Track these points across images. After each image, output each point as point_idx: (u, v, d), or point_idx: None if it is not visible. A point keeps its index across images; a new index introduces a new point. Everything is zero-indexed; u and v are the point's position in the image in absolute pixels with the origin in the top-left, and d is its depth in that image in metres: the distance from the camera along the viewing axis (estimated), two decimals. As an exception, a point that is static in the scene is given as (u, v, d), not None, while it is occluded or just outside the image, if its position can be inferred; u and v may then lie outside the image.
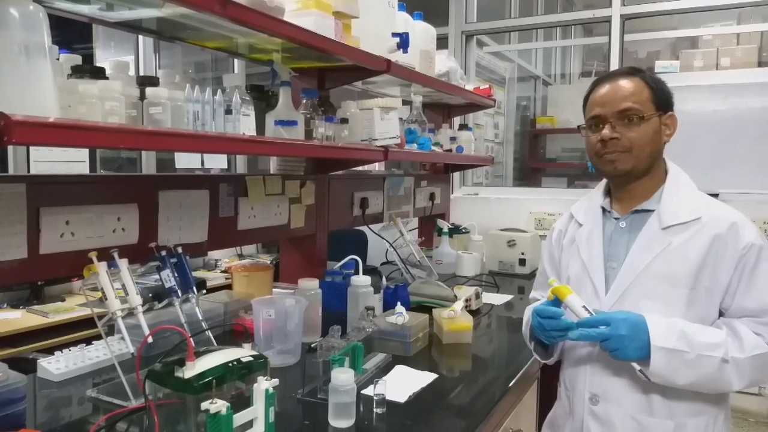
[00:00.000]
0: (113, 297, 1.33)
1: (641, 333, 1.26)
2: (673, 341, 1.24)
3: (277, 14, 1.49)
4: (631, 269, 1.37)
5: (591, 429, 1.41)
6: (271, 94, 1.80)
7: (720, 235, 1.30)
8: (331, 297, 2.05)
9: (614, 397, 1.37)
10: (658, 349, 1.24)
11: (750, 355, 1.25)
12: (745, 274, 1.30)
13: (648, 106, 1.36)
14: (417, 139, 2.47)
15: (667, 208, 1.37)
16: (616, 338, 1.26)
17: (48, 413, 1.35)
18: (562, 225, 1.61)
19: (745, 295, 1.30)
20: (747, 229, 1.31)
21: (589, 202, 1.55)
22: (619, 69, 1.45)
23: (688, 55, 4.48)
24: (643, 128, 1.35)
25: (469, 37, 4.38)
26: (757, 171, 3.60)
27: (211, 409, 1.02)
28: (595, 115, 1.40)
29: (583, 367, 1.43)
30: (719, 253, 1.30)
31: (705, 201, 1.38)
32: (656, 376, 1.27)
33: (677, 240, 1.33)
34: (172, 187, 1.70)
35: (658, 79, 1.41)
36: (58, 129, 0.99)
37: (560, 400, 1.56)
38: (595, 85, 1.45)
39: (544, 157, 6.34)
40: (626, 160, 1.37)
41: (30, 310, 2.95)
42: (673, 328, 1.26)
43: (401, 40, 2.07)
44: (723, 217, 1.32)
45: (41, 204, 1.38)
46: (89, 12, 1.47)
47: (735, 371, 1.25)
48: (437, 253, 3.05)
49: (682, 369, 1.25)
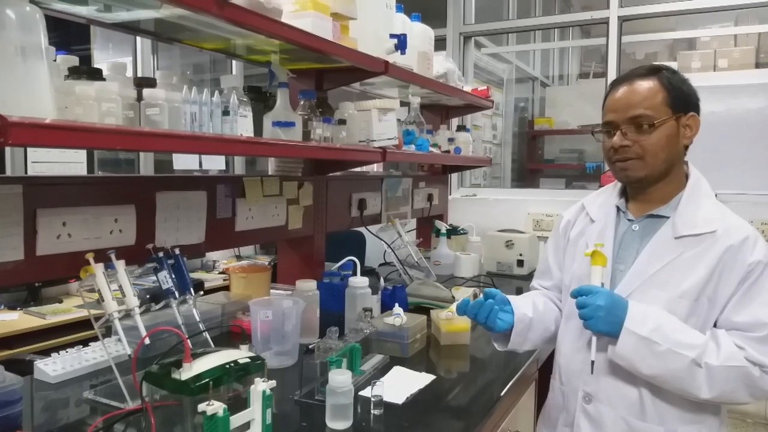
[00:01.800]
0: (110, 298, 1.33)
1: (619, 311, 1.27)
2: (647, 331, 1.25)
3: (275, 15, 1.49)
4: (638, 275, 1.35)
5: (582, 427, 1.41)
6: (269, 96, 1.80)
7: (731, 248, 1.28)
8: (328, 298, 2.05)
9: (607, 397, 1.37)
10: (630, 333, 1.25)
11: (724, 365, 1.23)
12: (743, 289, 1.28)
13: (661, 111, 1.32)
14: (415, 141, 2.47)
15: (683, 217, 1.34)
16: (593, 307, 1.27)
17: (44, 415, 1.35)
18: (572, 215, 1.59)
19: (735, 308, 1.28)
20: (759, 246, 1.29)
21: (604, 199, 1.52)
22: (638, 68, 1.39)
23: (685, 56, 4.48)
24: (656, 135, 1.31)
25: (467, 38, 4.39)
26: (754, 172, 3.60)
27: (207, 411, 1.01)
28: (608, 121, 1.37)
29: (578, 364, 1.43)
30: (727, 265, 1.28)
31: (721, 213, 1.34)
32: (621, 358, 1.29)
33: (689, 252, 1.31)
34: (169, 189, 1.70)
35: (678, 78, 1.36)
36: (54, 130, 0.99)
37: (553, 392, 1.56)
38: (612, 87, 1.41)
39: (542, 159, 6.34)
40: (639, 168, 1.34)
41: (27, 312, 2.94)
42: (652, 318, 1.26)
43: (399, 42, 2.07)
44: (737, 231, 1.30)
45: (38, 205, 1.37)
46: (87, 13, 1.47)
47: (706, 377, 1.23)
48: (435, 254, 3.05)
49: (649, 359, 1.25)
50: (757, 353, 1.23)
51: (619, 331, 1.26)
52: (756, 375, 1.23)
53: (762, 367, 1.23)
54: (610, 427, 1.36)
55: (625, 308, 1.28)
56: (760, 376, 1.23)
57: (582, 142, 5.77)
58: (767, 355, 1.23)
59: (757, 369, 1.23)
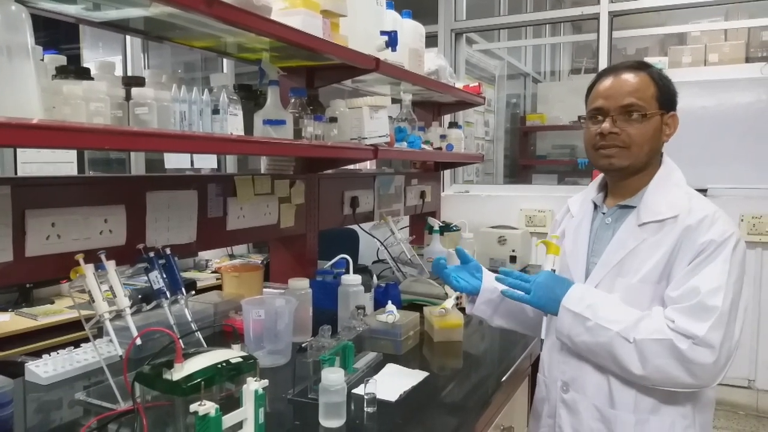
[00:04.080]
0: (100, 299, 1.32)
1: (558, 290, 1.34)
2: (582, 307, 1.30)
3: (264, 13, 1.48)
4: (605, 265, 1.38)
5: (562, 416, 1.44)
6: (260, 94, 1.79)
7: (688, 228, 1.29)
8: (321, 296, 2.05)
9: (581, 386, 1.40)
10: (566, 310, 1.32)
11: (650, 338, 1.22)
12: (690, 266, 1.26)
13: (652, 104, 1.34)
14: (407, 138, 2.47)
15: (647, 205, 1.36)
16: (535, 284, 1.35)
17: (36, 417, 1.34)
18: (560, 216, 1.63)
19: (675, 283, 1.27)
20: (716, 225, 1.27)
21: (584, 195, 1.55)
22: (626, 62, 1.41)
23: (676, 51, 4.50)
24: (645, 126, 1.33)
25: (459, 34, 4.39)
26: (744, 166, 3.62)
27: (199, 411, 1.01)
28: (597, 107, 1.38)
29: (557, 354, 1.45)
30: (683, 245, 1.28)
31: (688, 198, 1.35)
32: (561, 334, 1.36)
33: (652, 238, 1.33)
34: (159, 188, 1.69)
35: (665, 76, 1.39)
36: (41, 130, 0.98)
37: (539, 385, 1.58)
38: (600, 76, 1.42)
39: (534, 155, 6.36)
40: (623, 157, 1.36)
41: (19, 313, 2.92)
42: (590, 297, 1.31)
43: (390, 39, 2.07)
44: (697, 212, 1.30)
45: (26, 206, 1.36)
46: (75, 12, 1.45)
47: (636, 352, 1.23)
48: (428, 251, 3.03)
49: (583, 335, 1.30)
50: (684, 323, 1.20)
51: (557, 308, 1.33)
52: (684, 347, 1.19)
53: (693, 339, 1.19)
54: (585, 415, 1.39)
55: (565, 288, 1.34)
56: (689, 348, 1.19)
57: (574, 138, 5.79)
58: (695, 324, 1.19)
59: (687, 342, 1.19)
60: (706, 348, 1.19)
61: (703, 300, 1.21)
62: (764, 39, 4.44)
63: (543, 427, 1.50)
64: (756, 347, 3.50)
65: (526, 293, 1.35)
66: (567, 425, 1.42)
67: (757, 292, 3.43)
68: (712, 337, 1.19)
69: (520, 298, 1.35)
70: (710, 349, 1.19)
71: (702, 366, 1.19)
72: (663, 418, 1.31)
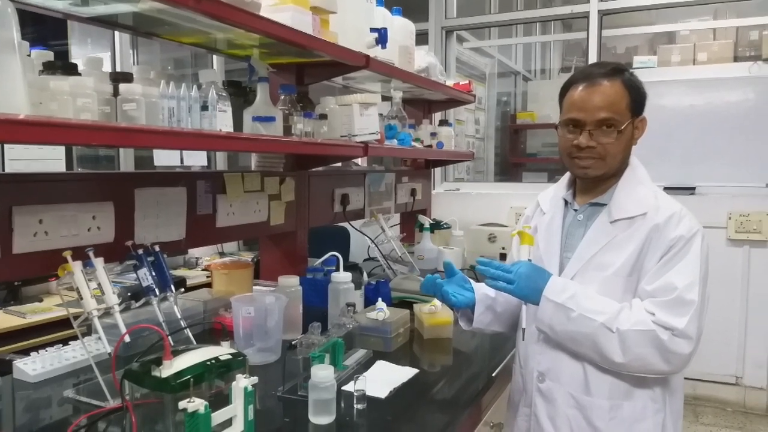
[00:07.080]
0: (89, 296, 1.32)
1: (539, 280, 1.36)
2: (563, 298, 1.33)
3: (253, 9, 1.47)
4: (579, 260, 1.42)
5: (537, 405, 1.46)
6: (249, 90, 1.78)
7: (657, 226, 1.35)
8: (312, 294, 2.04)
9: (556, 375, 1.43)
10: (547, 300, 1.35)
11: (633, 329, 1.28)
12: (662, 261, 1.33)
13: (625, 115, 1.37)
14: (397, 135, 2.47)
15: (617, 203, 1.41)
16: (517, 275, 1.35)
17: (24, 415, 1.34)
18: (530, 211, 1.66)
19: (650, 278, 1.33)
20: (683, 222, 1.34)
21: (554, 192, 1.58)
22: (600, 66, 1.43)
23: (665, 50, 4.52)
24: (619, 137, 1.37)
25: (449, 32, 4.39)
26: (733, 165, 3.64)
27: (188, 408, 1.01)
28: (573, 118, 1.40)
29: (533, 346, 1.47)
30: (653, 242, 1.34)
31: (654, 195, 1.41)
32: (542, 323, 1.38)
33: (622, 234, 1.38)
34: (148, 185, 1.68)
35: (636, 81, 1.41)
36: (27, 126, 0.98)
37: (515, 376, 1.59)
38: (573, 81, 1.43)
39: (524, 152, 6.38)
40: (599, 167, 1.40)
41: (7, 311, 2.89)
42: (571, 289, 1.35)
43: (380, 36, 2.07)
44: (664, 210, 1.36)
45: (13, 203, 1.35)
46: (62, 7, 1.44)
47: (618, 342, 1.29)
48: (419, 249, 3.04)
49: (566, 324, 1.34)
50: (665, 317, 1.27)
51: (539, 299, 1.35)
52: (665, 338, 1.27)
53: (672, 331, 1.27)
54: (561, 402, 1.42)
55: (546, 279, 1.36)
56: (669, 339, 1.27)
57: (560, 137, 5.80)
58: (675, 318, 1.27)
59: (667, 333, 1.27)
60: (684, 339, 1.27)
61: (681, 295, 1.29)
62: (752, 38, 4.47)
63: (519, 416, 1.52)
64: (744, 345, 3.53)
65: (508, 284, 1.36)
66: (543, 413, 1.45)
67: (745, 289, 3.45)
68: (690, 329, 1.27)
69: (504, 289, 1.37)
70: (688, 340, 1.27)
71: (679, 355, 1.28)
72: (635, 402, 1.37)
